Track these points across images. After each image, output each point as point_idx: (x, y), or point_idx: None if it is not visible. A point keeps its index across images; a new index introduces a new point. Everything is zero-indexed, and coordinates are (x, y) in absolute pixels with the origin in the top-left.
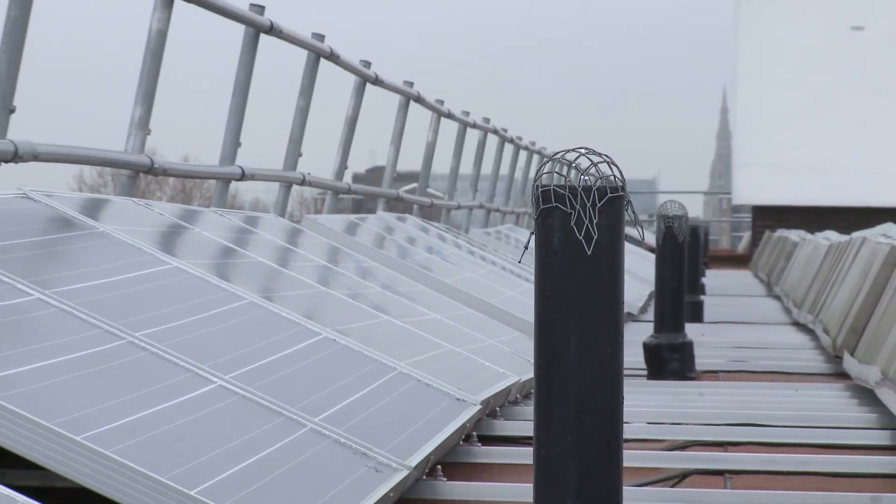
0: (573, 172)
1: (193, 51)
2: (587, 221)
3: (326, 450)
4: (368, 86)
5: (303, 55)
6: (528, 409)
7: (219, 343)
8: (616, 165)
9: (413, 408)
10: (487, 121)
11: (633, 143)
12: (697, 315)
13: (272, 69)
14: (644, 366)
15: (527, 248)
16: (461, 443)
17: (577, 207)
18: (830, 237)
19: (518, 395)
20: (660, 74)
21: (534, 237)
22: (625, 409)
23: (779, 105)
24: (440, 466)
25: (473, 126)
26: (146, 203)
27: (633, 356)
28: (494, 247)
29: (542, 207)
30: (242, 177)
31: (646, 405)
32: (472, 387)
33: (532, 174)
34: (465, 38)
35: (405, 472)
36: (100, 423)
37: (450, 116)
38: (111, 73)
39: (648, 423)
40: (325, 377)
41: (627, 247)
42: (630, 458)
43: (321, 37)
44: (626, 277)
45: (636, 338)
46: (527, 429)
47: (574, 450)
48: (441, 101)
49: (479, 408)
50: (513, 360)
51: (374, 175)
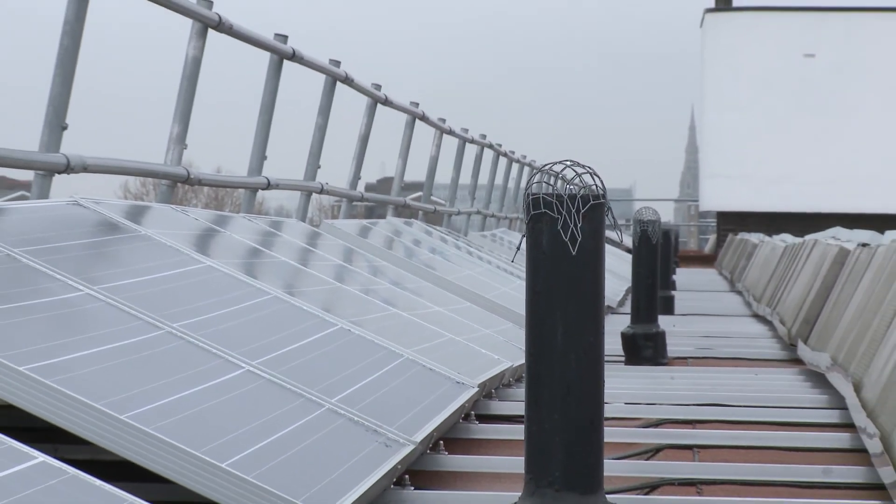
0: (559, 182)
1: (224, 75)
2: (572, 225)
3: (342, 427)
4: (379, 106)
5: (321, 79)
6: (520, 391)
7: (247, 333)
8: (597, 176)
9: (418, 390)
10: (484, 137)
11: (612, 156)
12: (669, 308)
13: (294, 91)
14: (622, 353)
15: (519, 249)
16: (461, 421)
17: (563, 213)
18: (786, 239)
19: (511, 379)
20: (635, 96)
21: (525, 239)
22: (605, 391)
23: (740, 123)
24: (442, 442)
25: (472, 141)
26: (183, 209)
27: (612, 344)
28: (490, 248)
29: (533, 213)
30: (268, 186)
31: (623, 388)
32: (471, 371)
33: (523, 184)
34: (466, 66)
35: (411, 447)
36: (141, 404)
37: (451, 133)
38: (153, 95)
39: (626, 404)
40: (341, 363)
41: (607, 248)
42: (610, 435)
43: (337, 63)
44: (606, 275)
45: (615, 328)
46: (519, 408)
47: (561, 427)
48: (443, 120)
49: (477, 390)
50: (506, 348)
51: (384, 184)
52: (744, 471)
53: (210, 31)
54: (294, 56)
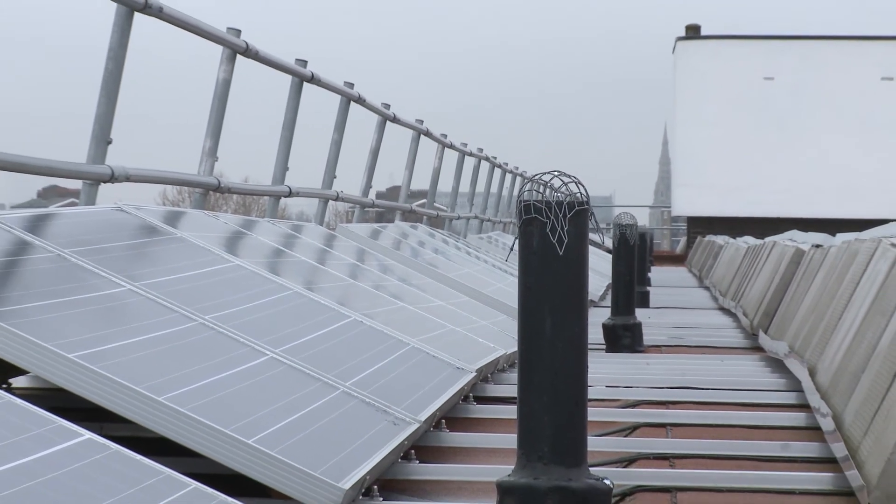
0: (548, 190)
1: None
2: (559, 229)
3: (355, 408)
4: (388, 123)
5: (336, 98)
6: (513, 376)
7: (270, 324)
8: (582, 185)
9: (422, 375)
10: (481, 150)
11: (595, 167)
12: (645, 302)
13: (313, 109)
14: (603, 341)
15: (512, 250)
16: (461, 402)
17: (552, 218)
18: (748, 241)
19: (505, 365)
20: (615, 114)
21: (517, 241)
22: (588, 376)
23: (708, 139)
24: (444, 420)
25: (470, 154)
26: (214, 214)
27: (595, 334)
28: (486, 249)
29: (524, 218)
30: (290, 194)
31: (605, 372)
32: (469, 358)
33: (516, 192)
34: (465, 89)
35: (416, 425)
36: (177, 387)
37: (451, 147)
38: (188, 112)
39: (607, 387)
40: (354, 351)
41: (590, 249)
42: (592, 414)
43: (351, 84)
44: (590, 272)
45: (597, 319)
46: (512, 391)
47: (549, 407)
48: (445, 135)
49: (475, 374)
50: (500, 337)
51: (393, 193)
52: (711, 446)
53: (239, 57)
54: (313, 79)
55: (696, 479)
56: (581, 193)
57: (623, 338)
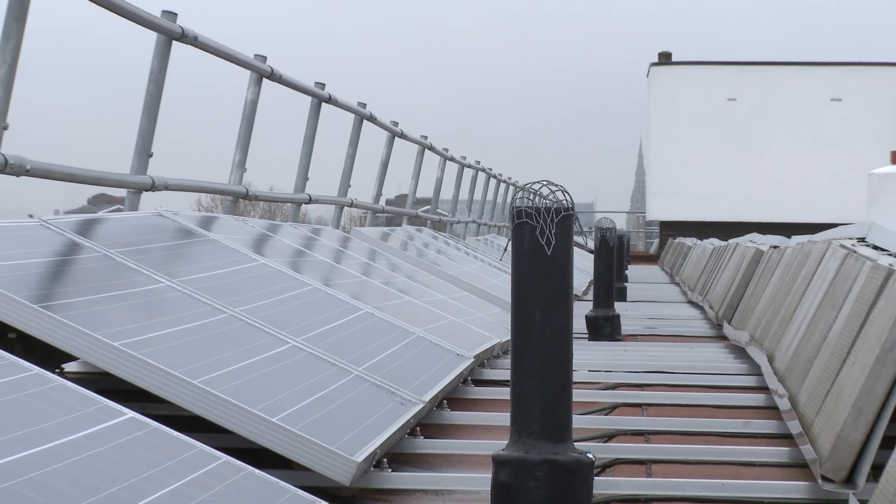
0: (537, 198)
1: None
2: (547, 232)
3: (366, 390)
4: (396, 139)
5: (351, 117)
6: (506, 361)
7: (292, 315)
8: (567, 193)
9: (426, 360)
10: (478, 163)
11: (578, 178)
12: (623, 296)
13: (331, 127)
14: (586, 331)
15: (506, 250)
16: (461, 384)
17: (541, 222)
18: (714, 242)
19: (499, 352)
20: (595, 129)
21: (510, 243)
22: (573, 361)
23: (678, 152)
24: (446, 401)
25: (469, 166)
26: (242, 219)
27: (579, 325)
28: (483, 249)
29: (517, 222)
30: (310, 201)
31: (587, 359)
32: (468, 346)
33: (509, 199)
34: (465, 110)
35: (421, 405)
36: (209, 371)
37: (452, 160)
38: (220, 130)
39: (589, 371)
40: (366, 339)
41: (575, 249)
42: (577, 395)
43: (364, 104)
44: (574, 270)
45: (581, 312)
46: (506, 375)
47: (539, 389)
48: (446, 149)
49: (473, 360)
50: (495, 327)
51: (401, 200)
52: (682, 424)
53: (265, 80)
54: (330, 99)
55: (669, 453)
56: (566, 201)
57: (604, 328)
